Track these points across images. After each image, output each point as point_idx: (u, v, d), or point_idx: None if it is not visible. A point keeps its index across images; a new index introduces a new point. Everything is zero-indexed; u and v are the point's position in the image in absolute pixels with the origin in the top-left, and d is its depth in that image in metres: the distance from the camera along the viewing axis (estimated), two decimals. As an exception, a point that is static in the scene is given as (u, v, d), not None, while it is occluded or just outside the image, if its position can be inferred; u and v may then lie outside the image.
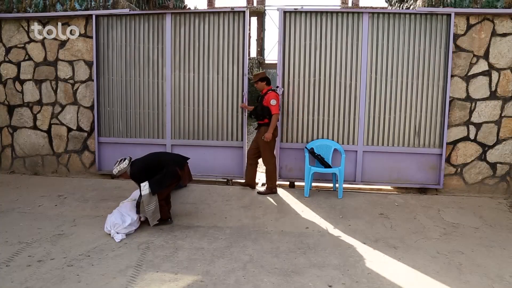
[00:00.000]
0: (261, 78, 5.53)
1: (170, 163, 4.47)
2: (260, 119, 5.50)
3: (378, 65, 5.76)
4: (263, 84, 5.52)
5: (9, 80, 6.65)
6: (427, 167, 5.82)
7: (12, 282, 3.22)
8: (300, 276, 3.36)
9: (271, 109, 5.33)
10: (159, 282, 3.24)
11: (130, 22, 6.21)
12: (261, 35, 22.28)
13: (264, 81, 5.53)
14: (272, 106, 5.32)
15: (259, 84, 5.54)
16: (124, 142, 6.21)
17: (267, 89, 5.49)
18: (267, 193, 5.56)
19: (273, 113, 5.33)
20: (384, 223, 4.63)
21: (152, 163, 4.49)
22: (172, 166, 4.42)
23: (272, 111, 5.33)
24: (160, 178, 4.34)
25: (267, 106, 5.35)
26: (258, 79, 5.53)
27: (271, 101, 5.33)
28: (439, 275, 3.40)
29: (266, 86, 5.52)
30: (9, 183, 6.14)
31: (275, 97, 5.36)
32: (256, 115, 5.53)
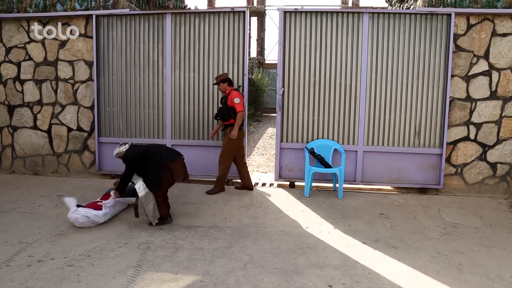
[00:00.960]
0: (223, 79, 5.51)
1: (161, 155, 4.50)
2: (226, 120, 5.48)
3: (378, 65, 5.76)
4: (225, 85, 5.52)
5: (9, 80, 6.66)
6: (427, 167, 5.83)
7: (12, 282, 3.22)
8: (300, 276, 3.36)
9: (235, 107, 5.37)
10: (159, 282, 3.24)
11: (130, 22, 6.22)
12: (261, 35, 22.29)
13: (226, 82, 5.52)
14: (236, 104, 5.37)
15: (221, 85, 5.52)
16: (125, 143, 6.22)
17: (230, 90, 5.51)
18: (215, 192, 5.61)
19: (237, 111, 5.38)
20: (384, 223, 4.63)
21: (146, 152, 4.53)
22: (163, 159, 4.45)
23: (236, 109, 5.37)
24: (152, 174, 4.36)
25: (232, 106, 5.37)
26: (220, 81, 5.51)
27: (235, 100, 5.37)
28: (439, 275, 3.40)
29: (228, 87, 5.53)
30: (9, 183, 6.14)
31: (238, 96, 5.41)
32: (221, 116, 5.50)
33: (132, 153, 4.49)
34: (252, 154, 9.10)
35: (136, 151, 4.52)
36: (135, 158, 4.44)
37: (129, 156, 4.46)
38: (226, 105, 5.42)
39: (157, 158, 4.45)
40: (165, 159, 4.46)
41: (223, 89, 5.54)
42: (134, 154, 4.47)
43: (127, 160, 4.48)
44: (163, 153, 4.58)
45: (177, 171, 4.51)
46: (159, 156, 4.49)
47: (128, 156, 4.47)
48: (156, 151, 4.59)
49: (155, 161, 4.42)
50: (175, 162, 4.51)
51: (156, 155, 4.50)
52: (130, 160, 4.45)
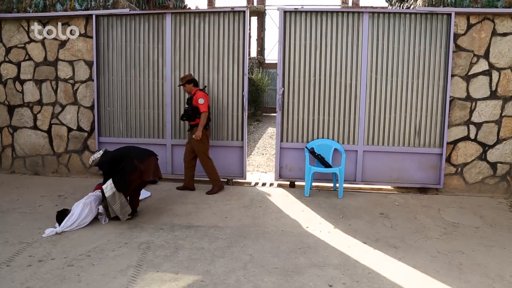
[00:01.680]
0: (188, 80, 5.51)
1: (131, 156, 4.53)
2: (191, 120, 5.48)
3: (379, 64, 5.76)
4: (190, 86, 5.52)
5: (9, 80, 6.66)
6: (428, 166, 5.83)
7: (12, 282, 3.22)
8: (300, 275, 3.35)
9: (199, 108, 5.37)
10: (159, 282, 3.24)
11: (130, 22, 6.22)
12: (261, 34, 22.29)
13: (191, 83, 5.53)
14: (200, 105, 5.37)
15: (186, 86, 5.53)
16: (125, 142, 6.19)
17: (196, 90, 5.51)
18: (216, 191, 5.59)
19: (201, 111, 5.38)
20: (384, 222, 4.63)
21: (118, 155, 4.58)
22: (132, 160, 4.48)
23: (200, 109, 5.38)
24: (120, 175, 4.41)
25: (197, 106, 5.38)
26: (186, 82, 5.51)
27: (199, 100, 5.38)
28: (440, 275, 3.40)
29: (193, 88, 5.53)
30: (9, 183, 6.14)
31: (202, 96, 5.41)
32: (187, 117, 5.50)
33: (105, 158, 4.54)
34: (252, 154, 9.10)
35: (108, 156, 4.57)
36: (108, 163, 4.50)
37: (103, 162, 4.53)
38: (192, 106, 5.42)
39: (127, 159, 4.49)
40: (135, 159, 4.49)
41: (188, 90, 5.55)
42: (107, 159, 4.53)
43: (101, 166, 4.55)
44: (133, 154, 4.60)
45: (147, 171, 4.53)
46: (129, 157, 4.52)
47: (101, 162, 4.54)
48: (127, 152, 4.63)
49: (125, 162, 4.46)
50: (145, 162, 4.53)
51: (126, 156, 4.54)
52: (104, 165, 4.53)
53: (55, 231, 4.19)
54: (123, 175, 4.41)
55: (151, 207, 5.08)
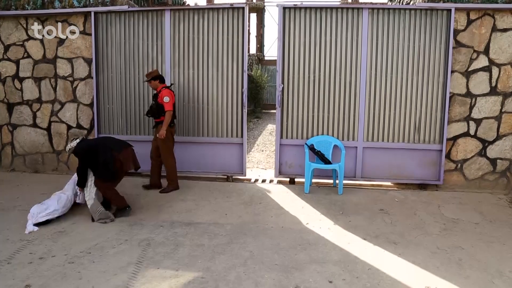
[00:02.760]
0: (154, 76, 5.42)
1: (109, 147, 4.62)
2: (156, 117, 5.41)
3: (378, 61, 5.75)
4: (156, 82, 5.43)
5: (8, 78, 6.65)
6: (427, 163, 5.83)
7: (13, 279, 3.23)
8: (300, 272, 3.36)
9: (164, 106, 5.28)
10: (160, 278, 3.24)
11: (129, 19, 6.20)
12: (260, 31, 22.24)
13: (157, 80, 5.44)
14: (165, 103, 5.28)
15: (152, 83, 5.44)
16: (125, 139, 6.20)
17: (161, 87, 5.43)
18: (169, 190, 5.55)
19: (166, 109, 5.29)
20: (384, 219, 4.64)
21: (94, 145, 4.68)
22: (110, 150, 4.58)
23: (165, 108, 5.28)
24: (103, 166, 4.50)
25: (162, 104, 5.30)
26: (151, 78, 5.42)
27: (164, 98, 5.28)
28: (439, 271, 3.41)
29: (160, 84, 5.45)
30: (9, 181, 6.15)
31: (168, 94, 5.32)
32: (152, 114, 5.42)
33: (81, 146, 4.62)
34: (252, 150, 9.10)
35: (84, 144, 4.66)
36: (85, 150, 4.57)
37: (79, 150, 4.60)
38: (157, 103, 5.33)
39: (105, 150, 4.58)
40: (113, 150, 4.59)
41: (154, 86, 5.46)
42: (83, 147, 4.60)
43: (77, 154, 4.62)
44: (110, 144, 4.70)
45: (126, 162, 4.65)
46: (107, 147, 4.62)
47: (77, 149, 4.60)
48: (104, 143, 4.74)
49: (104, 152, 4.55)
50: (123, 153, 4.63)
51: (103, 146, 4.64)
52: (80, 153, 4.59)
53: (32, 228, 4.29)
54: (106, 165, 4.50)
55: (151, 204, 5.09)
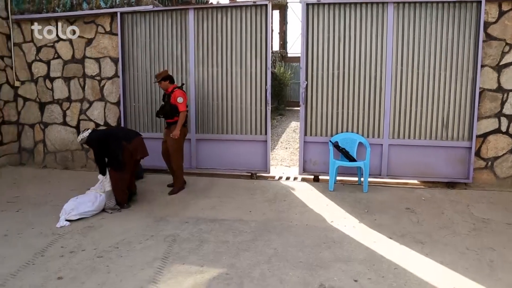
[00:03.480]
0: (164, 77, 5.39)
1: (119, 137, 4.88)
2: (169, 118, 5.40)
3: (404, 56, 5.63)
4: (166, 83, 5.41)
5: (40, 78, 6.89)
6: (456, 160, 5.68)
7: (47, 271, 3.35)
8: (325, 270, 3.35)
9: (178, 106, 5.28)
10: (185, 274, 3.29)
11: (153, 19, 6.30)
12: (283, 28, 22.12)
13: (167, 80, 5.41)
14: (179, 104, 5.27)
15: (162, 83, 5.40)
16: (150, 137, 6.32)
17: (173, 87, 5.41)
18: (177, 191, 5.49)
19: (180, 110, 5.28)
20: (410, 217, 4.55)
21: (103, 135, 4.94)
22: (120, 141, 4.83)
23: (179, 108, 5.28)
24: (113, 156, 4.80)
25: (175, 105, 5.29)
26: (161, 79, 5.38)
27: (178, 99, 5.26)
28: (469, 272, 3.32)
29: (170, 85, 5.43)
30: (42, 177, 6.36)
31: (181, 95, 5.31)
32: (164, 115, 5.42)
33: (91, 137, 4.82)
34: (276, 148, 9.09)
35: (94, 135, 4.87)
36: (95, 140, 4.81)
37: (90, 140, 4.84)
38: (170, 104, 5.32)
39: (115, 139, 4.84)
40: (123, 140, 4.83)
41: (164, 87, 5.43)
42: (93, 138, 4.83)
43: (90, 144, 4.90)
44: (120, 134, 4.94)
45: (135, 150, 4.89)
46: (117, 137, 4.88)
47: (89, 140, 4.84)
48: (114, 133, 5.03)
49: (113, 142, 4.82)
50: (132, 143, 4.87)
51: (113, 136, 4.91)
52: (92, 143, 4.86)
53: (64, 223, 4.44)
54: (115, 156, 4.76)
55: (176, 201, 5.17)
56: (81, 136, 4.85)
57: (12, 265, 3.47)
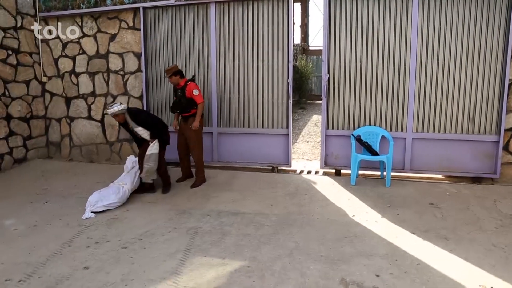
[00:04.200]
0: (174, 72, 5.36)
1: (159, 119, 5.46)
2: (187, 112, 5.43)
3: (429, 47, 5.49)
4: (177, 78, 5.39)
5: (66, 74, 7.07)
6: (482, 155, 5.52)
7: (74, 261, 3.47)
8: (346, 264, 3.33)
9: (195, 99, 5.34)
10: (207, 266, 3.34)
11: (175, 13, 6.35)
12: (304, 21, 21.90)
13: (178, 75, 5.40)
14: (196, 96, 5.33)
15: (173, 78, 5.38)
16: (172, 131, 6.40)
17: (184, 81, 5.42)
18: (199, 184, 5.53)
19: (198, 102, 5.37)
20: (434, 213, 4.47)
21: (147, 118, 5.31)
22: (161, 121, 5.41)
23: (197, 101, 5.35)
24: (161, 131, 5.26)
25: (191, 97, 5.33)
26: (172, 74, 5.35)
27: (194, 92, 5.31)
28: (495, 269, 3.24)
29: (181, 79, 5.43)
30: (68, 170, 6.55)
31: (196, 87, 5.37)
32: (181, 109, 5.44)
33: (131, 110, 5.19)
34: (297, 141, 9.06)
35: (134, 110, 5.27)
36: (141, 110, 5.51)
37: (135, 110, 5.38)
38: (185, 98, 5.35)
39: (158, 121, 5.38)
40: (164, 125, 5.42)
41: (175, 81, 5.42)
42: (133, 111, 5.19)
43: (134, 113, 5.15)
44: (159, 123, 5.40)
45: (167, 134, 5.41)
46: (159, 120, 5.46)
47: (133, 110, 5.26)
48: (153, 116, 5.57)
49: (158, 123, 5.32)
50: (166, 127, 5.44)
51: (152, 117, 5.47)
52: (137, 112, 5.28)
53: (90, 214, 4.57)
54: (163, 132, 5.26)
55: (198, 194, 5.23)
56: (115, 109, 4.95)
57: (41, 255, 3.60)
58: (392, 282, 3.04)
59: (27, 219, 4.49)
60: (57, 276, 3.23)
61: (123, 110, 5.00)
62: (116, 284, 3.08)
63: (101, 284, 3.09)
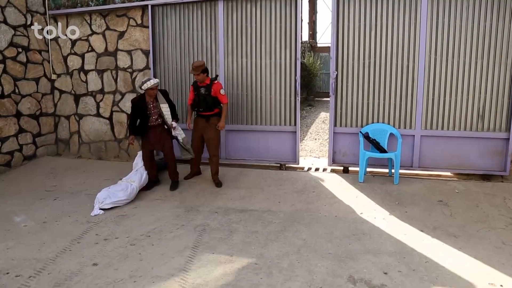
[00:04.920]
0: (203, 69, 5.18)
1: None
2: (210, 110, 5.31)
3: (438, 43, 5.43)
4: (204, 75, 5.22)
5: (75, 71, 7.12)
6: (492, 152, 5.46)
7: (83, 257, 3.50)
8: (354, 262, 3.32)
9: (222, 99, 5.30)
10: (215, 263, 3.35)
11: (183, 11, 6.35)
12: (312, 18, 21.79)
13: (206, 72, 5.25)
14: (222, 96, 5.29)
15: (200, 75, 5.18)
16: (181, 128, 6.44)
17: (209, 79, 5.30)
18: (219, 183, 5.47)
19: (224, 102, 5.34)
20: (443, 210, 4.44)
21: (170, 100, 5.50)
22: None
23: (223, 100, 5.32)
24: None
25: (216, 96, 5.26)
26: (201, 71, 5.16)
27: (221, 91, 5.27)
28: (505, 268, 3.21)
29: (206, 77, 5.29)
30: (77, 167, 6.60)
31: (222, 87, 5.34)
32: (206, 107, 5.28)
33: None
34: (305, 139, 9.04)
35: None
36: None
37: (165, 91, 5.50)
38: (211, 96, 5.24)
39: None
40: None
41: (202, 79, 5.22)
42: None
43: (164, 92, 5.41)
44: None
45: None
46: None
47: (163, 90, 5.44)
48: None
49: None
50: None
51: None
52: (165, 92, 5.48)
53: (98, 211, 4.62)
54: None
55: (206, 191, 5.24)
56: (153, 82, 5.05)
57: (50, 251, 3.64)
58: (400, 280, 3.03)
59: (36, 216, 4.54)
60: (66, 272, 3.27)
61: (158, 83, 5.16)
62: (125, 281, 3.11)
63: (110, 280, 3.12)
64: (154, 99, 5.23)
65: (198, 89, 5.31)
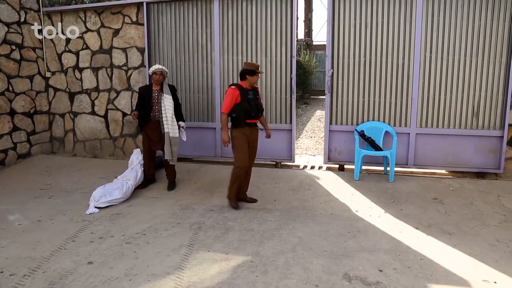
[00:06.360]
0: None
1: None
2: (259, 117, 4.62)
3: (433, 41, 5.45)
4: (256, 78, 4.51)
5: (70, 69, 7.07)
6: (486, 150, 5.50)
7: (78, 256, 3.49)
8: (350, 259, 3.34)
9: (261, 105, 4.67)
10: (210, 261, 3.35)
11: (179, 8, 6.33)
12: (308, 16, 21.77)
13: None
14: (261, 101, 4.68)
15: (255, 77, 4.47)
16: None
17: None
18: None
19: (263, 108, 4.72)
20: (438, 208, 4.46)
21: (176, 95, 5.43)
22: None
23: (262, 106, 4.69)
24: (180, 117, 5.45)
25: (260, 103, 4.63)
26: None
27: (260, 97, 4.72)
28: (499, 264, 3.24)
29: None
30: (72, 165, 6.57)
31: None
32: (260, 112, 4.59)
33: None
34: (301, 137, 9.05)
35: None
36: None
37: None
38: (259, 102, 4.60)
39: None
40: None
41: (255, 81, 4.50)
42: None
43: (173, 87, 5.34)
44: None
45: None
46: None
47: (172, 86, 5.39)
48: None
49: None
50: None
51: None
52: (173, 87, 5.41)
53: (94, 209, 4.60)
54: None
55: (202, 189, 5.24)
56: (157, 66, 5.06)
57: (45, 250, 3.62)
58: (395, 277, 3.05)
59: (31, 214, 4.51)
60: (61, 271, 3.25)
61: (163, 70, 5.13)
62: (120, 279, 3.10)
63: (105, 279, 3.11)
64: (159, 90, 5.15)
65: (246, 94, 4.46)
